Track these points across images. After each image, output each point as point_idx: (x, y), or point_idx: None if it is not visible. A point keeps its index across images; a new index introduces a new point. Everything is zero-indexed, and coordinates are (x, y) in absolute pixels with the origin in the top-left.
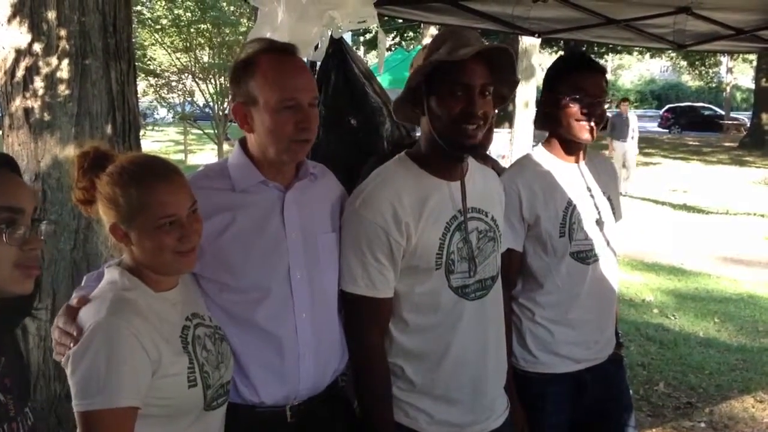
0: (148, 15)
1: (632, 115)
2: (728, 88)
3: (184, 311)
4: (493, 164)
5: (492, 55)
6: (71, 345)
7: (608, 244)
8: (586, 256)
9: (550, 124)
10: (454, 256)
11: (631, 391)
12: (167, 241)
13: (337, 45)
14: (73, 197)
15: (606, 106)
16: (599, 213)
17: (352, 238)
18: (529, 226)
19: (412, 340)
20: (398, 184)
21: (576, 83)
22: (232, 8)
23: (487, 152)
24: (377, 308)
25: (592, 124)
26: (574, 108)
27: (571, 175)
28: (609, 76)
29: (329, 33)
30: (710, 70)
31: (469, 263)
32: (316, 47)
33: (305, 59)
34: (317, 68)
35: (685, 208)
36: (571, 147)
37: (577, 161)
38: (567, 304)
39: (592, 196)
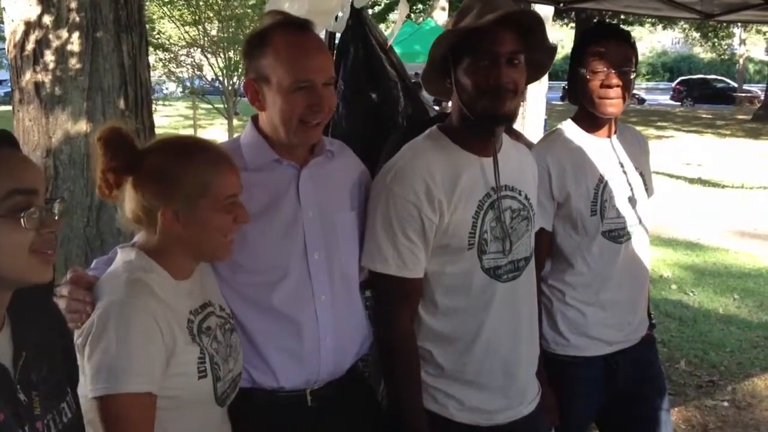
0: None
1: None
2: (741, 60)
3: (194, 302)
4: (525, 141)
5: (521, 20)
6: (88, 309)
7: (640, 221)
8: (618, 235)
9: (578, 98)
10: (487, 236)
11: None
12: (226, 222)
13: (357, 16)
14: (97, 192)
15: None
16: (632, 190)
17: (382, 215)
18: (558, 204)
19: (441, 323)
20: (430, 160)
21: (595, 54)
22: None
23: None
24: (408, 289)
25: (616, 97)
26: (595, 81)
27: (602, 151)
28: None
29: (350, 3)
30: (723, 42)
31: (502, 243)
32: (336, 18)
33: (325, 30)
34: (337, 40)
35: (700, 182)
36: (598, 121)
37: (608, 135)
38: (598, 284)
39: (624, 172)
